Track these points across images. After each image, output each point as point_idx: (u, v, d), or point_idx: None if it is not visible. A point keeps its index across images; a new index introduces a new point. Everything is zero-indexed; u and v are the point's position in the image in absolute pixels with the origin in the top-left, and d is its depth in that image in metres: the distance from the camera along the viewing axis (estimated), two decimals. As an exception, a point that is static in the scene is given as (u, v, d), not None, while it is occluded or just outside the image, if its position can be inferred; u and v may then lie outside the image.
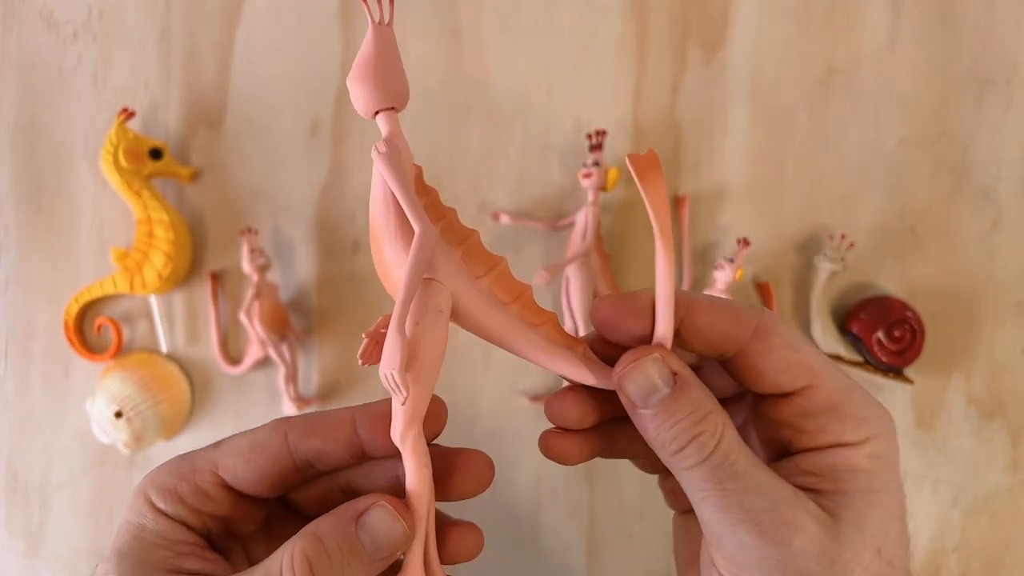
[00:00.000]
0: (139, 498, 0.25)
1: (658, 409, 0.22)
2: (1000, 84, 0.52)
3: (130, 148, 0.49)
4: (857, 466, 0.22)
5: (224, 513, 0.26)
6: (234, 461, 0.25)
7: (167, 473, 0.26)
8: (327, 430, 0.25)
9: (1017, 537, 0.52)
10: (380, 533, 0.23)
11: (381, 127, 0.25)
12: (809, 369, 0.23)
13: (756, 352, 0.23)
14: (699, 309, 0.23)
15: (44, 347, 0.53)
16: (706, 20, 0.52)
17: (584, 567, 0.53)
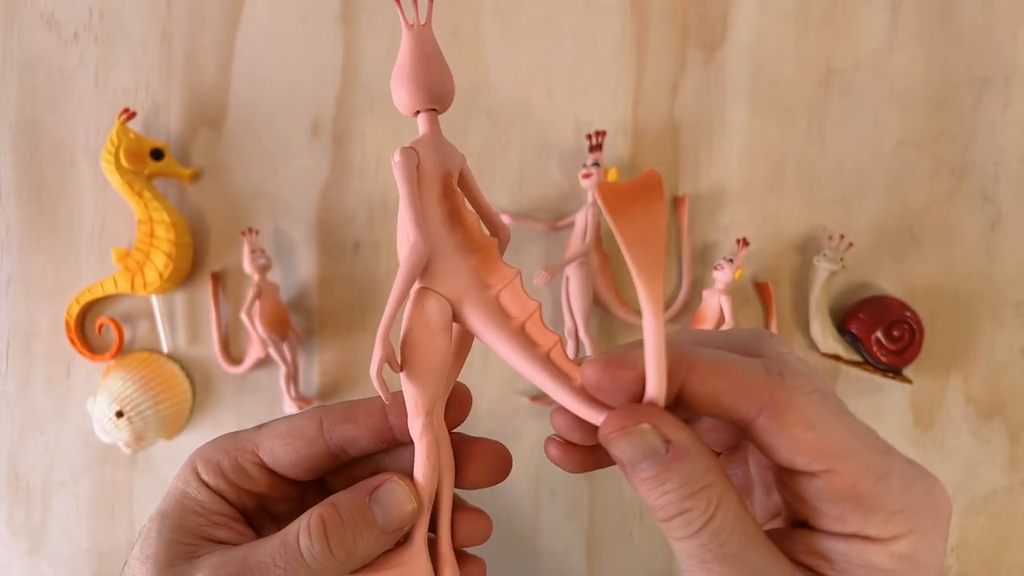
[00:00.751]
0: (187, 467, 0.27)
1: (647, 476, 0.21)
2: (999, 84, 0.52)
3: (131, 148, 0.49)
4: (876, 564, 0.20)
5: (260, 491, 0.27)
6: (273, 444, 0.27)
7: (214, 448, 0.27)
8: (360, 417, 0.26)
9: (1015, 536, 0.52)
10: (391, 506, 0.24)
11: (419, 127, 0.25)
12: (829, 452, 0.20)
13: (767, 430, 0.20)
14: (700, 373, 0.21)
15: (46, 347, 0.53)
16: (705, 21, 0.52)
17: (584, 566, 0.53)
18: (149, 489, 0.53)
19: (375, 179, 0.52)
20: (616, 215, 0.19)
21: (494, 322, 0.23)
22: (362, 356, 0.53)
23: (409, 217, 0.23)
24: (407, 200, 0.23)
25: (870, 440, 0.21)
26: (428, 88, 0.25)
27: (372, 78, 0.52)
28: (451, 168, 0.25)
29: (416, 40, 0.24)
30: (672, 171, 0.52)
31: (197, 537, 0.25)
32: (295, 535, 0.24)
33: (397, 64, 0.24)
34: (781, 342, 0.24)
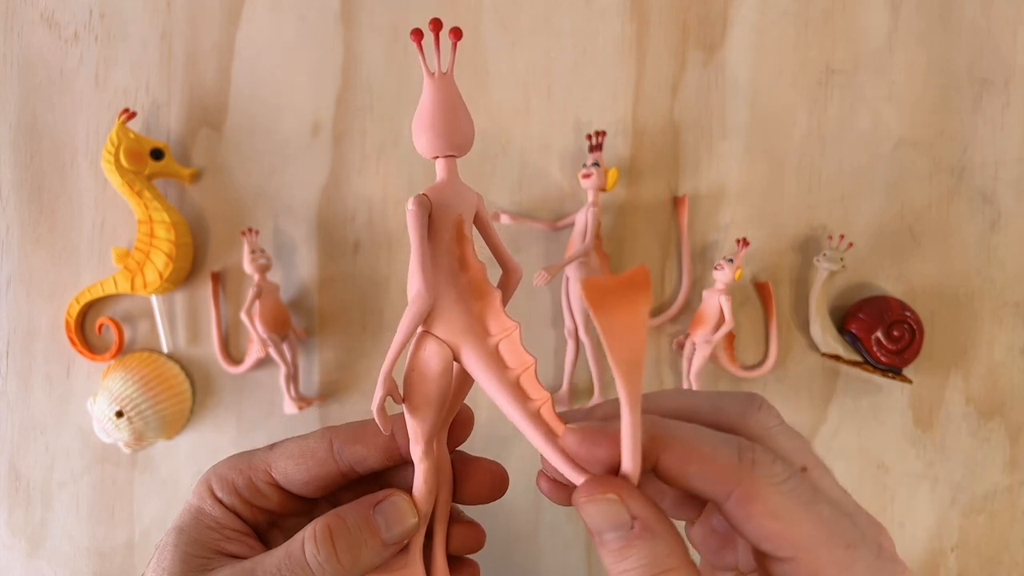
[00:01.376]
0: (203, 484, 0.29)
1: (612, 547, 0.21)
2: (998, 85, 0.52)
3: (131, 148, 0.49)
4: None
5: (272, 507, 0.29)
6: (285, 463, 0.28)
7: (228, 467, 0.29)
8: (368, 437, 0.28)
9: (1015, 536, 0.52)
10: (394, 518, 0.26)
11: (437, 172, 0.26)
12: (793, 543, 0.20)
13: (735, 515, 0.21)
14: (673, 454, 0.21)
15: (46, 347, 0.53)
16: (705, 21, 0.52)
17: (584, 566, 0.53)
18: (149, 489, 0.53)
19: (375, 179, 0.53)
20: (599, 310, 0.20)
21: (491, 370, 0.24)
22: (362, 356, 0.53)
23: (416, 266, 0.24)
24: (416, 249, 0.24)
25: (839, 530, 0.21)
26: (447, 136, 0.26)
27: (372, 78, 0.52)
28: (464, 213, 0.26)
29: (438, 89, 0.25)
30: (672, 171, 0.52)
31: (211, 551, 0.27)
32: (300, 544, 0.25)
33: (418, 110, 0.25)
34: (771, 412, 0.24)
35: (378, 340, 0.53)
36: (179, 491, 0.53)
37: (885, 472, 0.52)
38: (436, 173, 0.26)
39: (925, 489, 0.52)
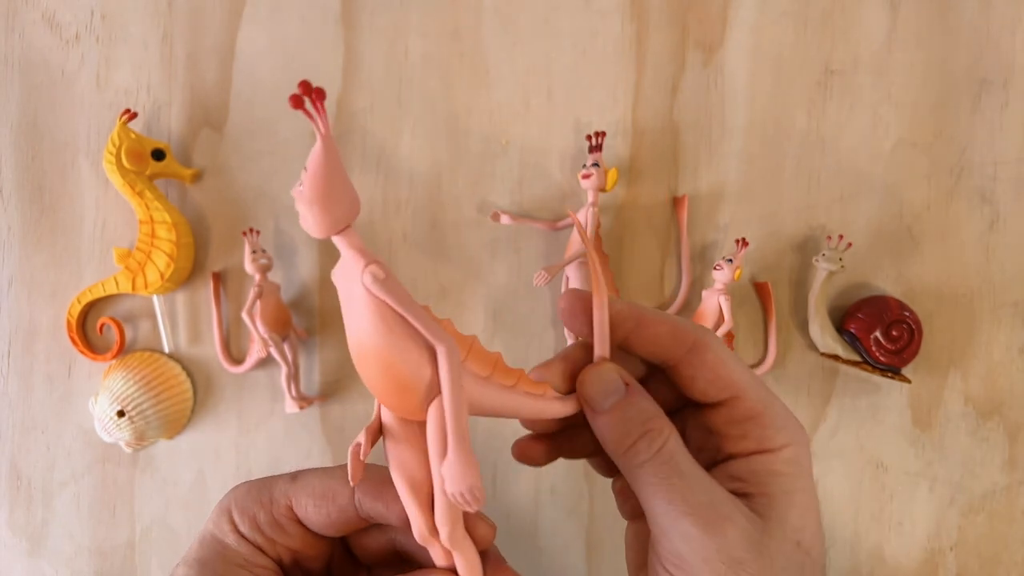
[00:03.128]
0: (223, 515, 0.28)
1: (612, 410, 0.26)
2: (997, 85, 0.52)
3: (132, 149, 0.50)
4: (777, 471, 0.25)
5: (295, 546, 0.29)
6: (307, 503, 0.28)
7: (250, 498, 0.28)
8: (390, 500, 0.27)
9: (1014, 536, 0.52)
10: None
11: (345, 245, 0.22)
12: (735, 383, 0.26)
13: (692, 364, 0.26)
14: (647, 322, 0.27)
15: (47, 347, 0.53)
16: (705, 22, 0.52)
17: (584, 566, 0.53)
18: (150, 489, 0.53)
19: (375, 179, 0.53)
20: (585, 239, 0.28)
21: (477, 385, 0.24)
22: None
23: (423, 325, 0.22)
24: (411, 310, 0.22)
25: (757, 380, 0.27)
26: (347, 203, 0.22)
27: (372, 78, 0.53)
28: None
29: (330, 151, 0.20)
30: (672, 171, 0.52)
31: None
32: None
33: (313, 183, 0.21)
34: None
35: (378, 340, 0.53)
36: (180, 491, 0.53)
37: (884, 471, 0.52)
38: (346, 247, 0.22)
39: (924, 489, 0.52)
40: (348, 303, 0.22)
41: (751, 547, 0.24)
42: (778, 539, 0.24)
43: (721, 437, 0.26)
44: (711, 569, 0.24)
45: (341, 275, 0.22)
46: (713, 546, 0.24)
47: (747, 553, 0.24)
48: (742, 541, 0.24)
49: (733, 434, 0.26)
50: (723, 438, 0.26)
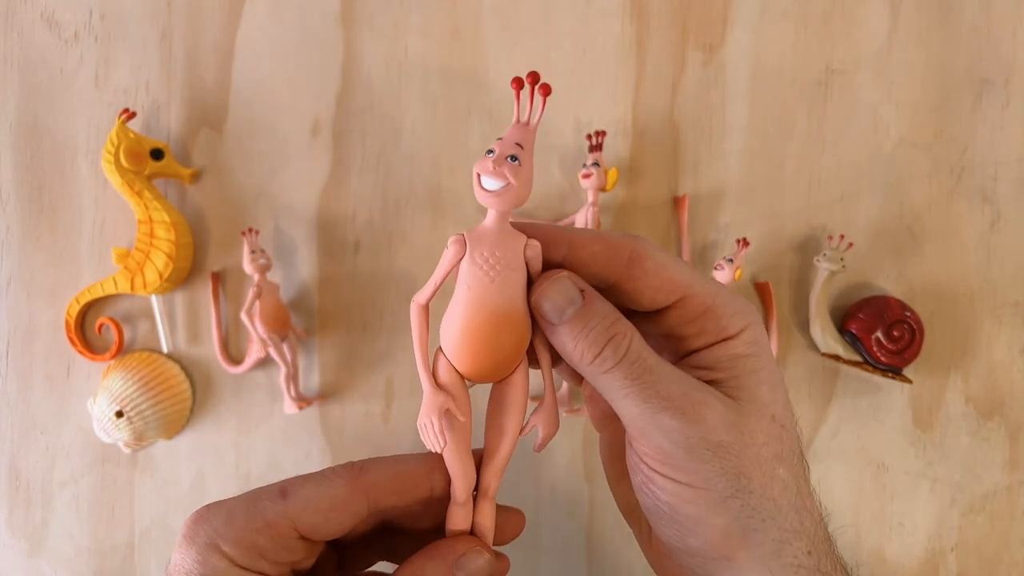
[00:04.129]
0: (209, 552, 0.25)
1: (573, 321, 0.25)
2: (998, 85, 0.52)
3: (131, 148, 0.49)
4: (739, 353, 0.26)
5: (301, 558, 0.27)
6: (314, 519, 0.26)
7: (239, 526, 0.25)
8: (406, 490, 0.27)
9: (1015, 536, 0.52)
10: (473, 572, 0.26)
11: (507, 219, 0.26)
12: (681, 283, 0.26)
13: (633, 275, 0.26)
14: (580, 243, 0.26)
15: (46, 347, 0.53)
16: (705, 21, 0.52)
17: (584, 565, 0.53)
18: (149, 489, 0.53)
19: (375, 179, 0.53)
20: None
21: None
22: (362, 356, 0.53)
23: None
24: None
25: (699, 274, 0.26)
26: None
27: (372, 78, 0.52)
28: None
29: None
30: (672, 171, 0.52)
31: None
32: None
33: (530, 162, 0.25)
34: None
35: (378, 340, 0.53)
36: (179, 491, 0.53)
37: (885, 472, 0.52)
38: (506, 223, 0.26)
39: (925, 489, 0.52)
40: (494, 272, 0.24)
41: (731, 428, 0.24)
42: (755, 416, 0.25)
43: (679, 338, 0.26)
44: (696, 456, 0.24)
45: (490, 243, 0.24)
46: (696, 434, 0.24)
47: (728, 435, 0.24)
48: (722, 424, 0.24)
49: (691, 332, 0.26)
50: (682, 338, 0.26)
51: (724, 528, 0.25)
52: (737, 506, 0.24)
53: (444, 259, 0.25)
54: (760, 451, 0.25)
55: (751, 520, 0.25)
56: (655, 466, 0.25)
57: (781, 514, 0.25)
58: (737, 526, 0.24)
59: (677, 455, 0.24)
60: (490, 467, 0.27)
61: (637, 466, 0.26)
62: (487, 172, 0.23)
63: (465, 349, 0.25)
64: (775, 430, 0.25)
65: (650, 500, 0.26)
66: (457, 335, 0.25)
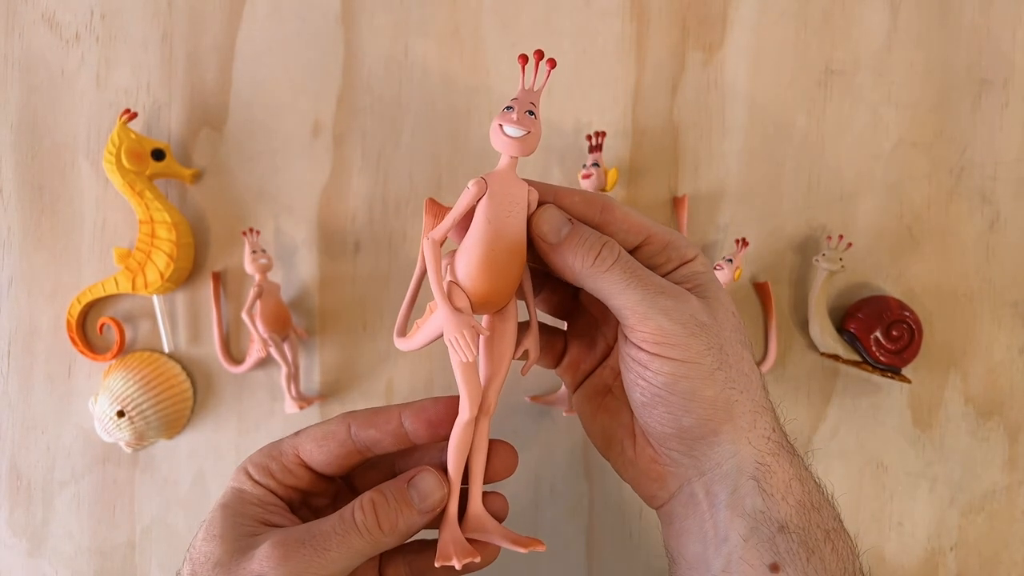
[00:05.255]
0: (240, 472, 0.33)
1: (569, 236, 0.30)
2: (997, 85, 0.52)
3: (132, 149, 0.50)
4: (698, 271, 0.32)
5: (303, 486, 0.34)
6: (311, 446, 0.33)
7: (262, 455, 0.34)
8: (381, 423, 0.33)
9: (1014, 535, 0.52)
10: (425, 491, 0.31)
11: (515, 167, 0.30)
12: (644, 226, 0.31)
13: (608, 222, 0.31)
14: (564, 195, 0.31)
15: (47, 347, 0.53)
16: (705, 21, 0.52)
17: (584, 565, 0.53)
18: (150, 489, 0.53)
19: (375, 179, 0.53)
20: None
21: None
22: (363, 356, 0.53)
23: None
24: None
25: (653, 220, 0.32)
26: None
27: (372, 78, 0.53)
28: None
29: None
30: (672, 171, 0.52)
31: (255, 522, 0.32)
32: (351, 511, 0.30)
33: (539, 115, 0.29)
34: None
35: (378, 340, 0.53)
36: (180, 491, 0.53)
37: (884, 471, 0.52)
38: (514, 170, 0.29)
39: (924, 489, 0.52)
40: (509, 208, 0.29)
41: (708, 313, 0.30)
42: (721, 310, 0.30)
43: (652, 266, 0.31)
44: (690, 332, 0.29)
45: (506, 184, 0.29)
46: (687, 311, 0.29)
47: (708, 318, 0.30)
48: (702, 309, 0.30)
49: (659, 261, 0.32)
50: (655, 266, 0.32)
51: (713, 400, 0.29)
52: (722, 378, 0.29)
53: (464, 198, 0.29)
54: (731, 335, 0.30)
55: (732, 391, 0.30)
56: (654, 348, 0.29)
57: (752, 388, 0.31)
58: (723, 398, 0.29)
59: (675, 331, 0.29)
60: (491, 388, 0.32)
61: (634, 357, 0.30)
62: (511, 122, 0.28)
63: (483, 275, 0.29)
64: (736, 322, 0.31)
65: (646, 388, 0.30)
66: (476, 263, 0.28)
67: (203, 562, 0.30)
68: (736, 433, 0.30)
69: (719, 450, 0.30)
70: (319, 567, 0.29)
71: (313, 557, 0.29)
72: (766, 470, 0.30)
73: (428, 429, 0.33)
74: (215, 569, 0.30)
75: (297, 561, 0.29)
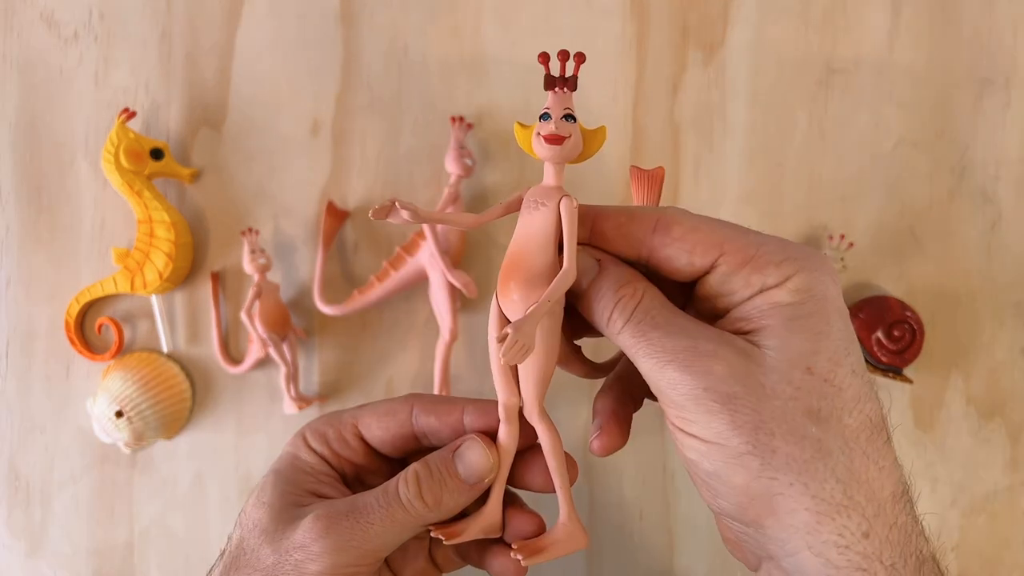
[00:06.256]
0: (298, 437, 0.33)
1: (588, 289, 0.26)
2: (999, 84, 0.52)
3: (131, 148, 0.49)
4: (779, 301, 0.24)
5: (357, 460, 0.33)
6: (371, 420, 0.33)
7: (321, 422, 0.33)
8: (442, 412, 0.32)
9: (1015, 536, 0.52)
10: (471, 461, 0.30)
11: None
12: (714, 241, 0.25)
13: (663, 244, 0.26)
14: (607, 214, 0.27)
15: (45, 347, 0.53)
16: (705, 21, 0.52)
17: (584, 566, 0.53)
18: (149, 489, 0.53)
19: (375, 179, 0.52)
20: None
21: None
22: (362, 356, 0.53)
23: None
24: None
25: (742, 229, 0.26)
26: None
27: (372, 78, 0.52)
28: None
29: None
30: (672, 171, 0.52)
31: (305, 492, 0.31)
32: (395, 484, 0.30)
33: None
34: None
35: (378, 340, 0.53)
36: (179, 491, 0.53)
37: (885, 472, 0.52)
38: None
39: (925, 489, 0.52)
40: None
41: (741, 380, 0.23)
42: (780, 368, 0.23)
43: (725, 296, 0.25)
44: (705, 408, 0.23)
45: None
46: (700, 385, 0.23)
47: (738, 386, 0.23)
48: (730, 376, 0.23)
49: (734, 287, 0.25)
50: (727, 296, 0.25)
51: (745, 488, 0.23)
52: (756, 465, 0.23)
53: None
54: (786, 405, 0.23)
55: (774, 483, 0.23)
56: (675, 422, 0.25)
57: (815, 481, 0.22)
58: (759, 487, 0.23)
59: (687, 407, 0.24)
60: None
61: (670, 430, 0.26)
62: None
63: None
64: (811, 384, 0.23)
65: (684, 463, 0.26)
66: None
67: (251, 528, 0.30)
68: (786, 531, 0.23)
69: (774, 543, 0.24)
70: (361, 541, 0.28)
71: (355, 530, 0.28)
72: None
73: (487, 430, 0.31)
74: (261, 536, 0.30)
75: (339, 534, 0.28)
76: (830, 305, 0.24)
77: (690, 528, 0.52)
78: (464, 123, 0.50)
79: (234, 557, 0.30)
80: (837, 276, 0.25)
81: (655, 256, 0.26)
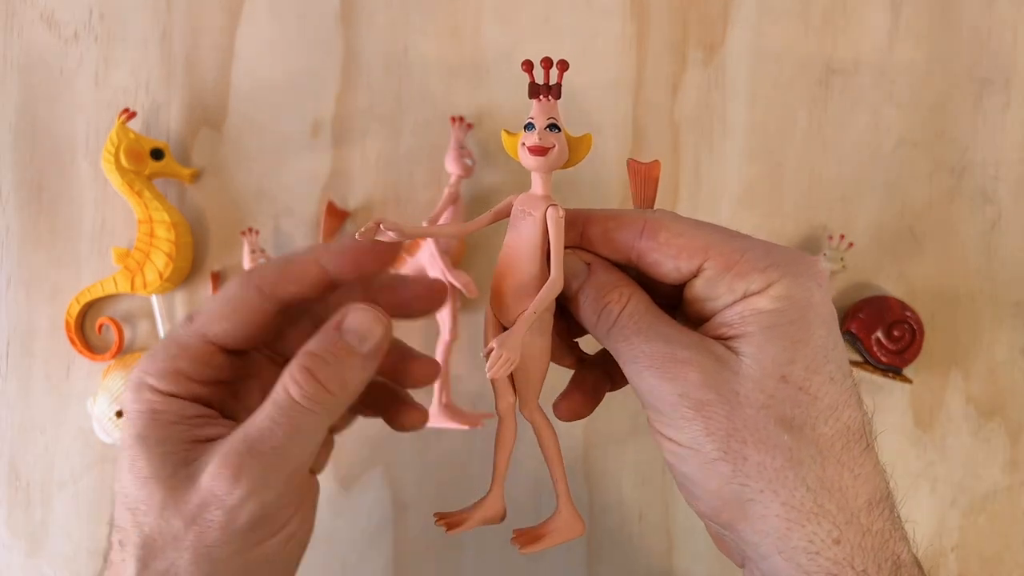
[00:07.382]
0: (139, 390, 0.27)
1: (578, 293, 0.26)
2: (999, 84, 0.52)
3: (131, 148, 0.49)
4: (760, 308, 0.24)
5: (225, 377, 0.28)
6: (219, 325, 0.28)
7: (160, 360, 0.27)
8: (299, 276, 0.28)
9: (1015, 536, 0.52)
10: (362, 328, 0.27)
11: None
12: (699, 247, 0.25)
13: (650, 248, 0.26)
14: (594, 219, 0.27)
15: (46, 347, 0.53)
16: (705, 20, 0.52)
17: (584, 567, 0.53)
18: (149, 489, 0.53)
19: (375, 179, 0.52)
20: None
21: None
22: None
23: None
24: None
25: (729, 233, 0.26)
26: None
27: (372, 78, 0.52)
28: None
29: None
30: (672, 171, 0.52)
31: (187, 443, 0.26)
32: (283, 391, 0.25)
33: None
34: None
35: (378, 340, 0.53)
36: (179, 491, 0.53)
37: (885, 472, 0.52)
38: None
39: (925, 489, 0.52)
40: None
41: (715, 387, 0.23)
42: (755, 376, 0.23)
43: (709, 301, 0.25)
44: (680, 415, 0.23)
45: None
46: (675, 391, 0.23)
47: (713, 394, 0.23)
48: (704, 383, 0.23)
49: (718, 293, 0.25)
50: (711, 301, 0.25)
51: (718, 492, 0.24)
52: (727, 471, 0.23)
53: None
54: (759, 414, 0.23)
55: (745, 489, 0.23)
56: (655, 425, 0.25)
57: (785, 489, 0.23)
58: (731, 493, 0.23)
59: (665, 412, 0.24)
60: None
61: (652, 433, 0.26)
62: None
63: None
64: (785, 392, 0.23)
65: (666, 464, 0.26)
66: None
67: (146, 511, 0.25)
68: (758, 535, 0.24)
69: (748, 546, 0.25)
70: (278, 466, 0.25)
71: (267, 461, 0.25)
72: None
73: (354, 266, 0.28)
74: (161, 512, 0.25)
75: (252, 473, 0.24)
76: (812, 312, 0.24)
77: (689, 529, 0.52)
78: (464, 123, 0.50)
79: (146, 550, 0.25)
80: (825, 281, 0.25)
81: (643, 261, 0.26)
